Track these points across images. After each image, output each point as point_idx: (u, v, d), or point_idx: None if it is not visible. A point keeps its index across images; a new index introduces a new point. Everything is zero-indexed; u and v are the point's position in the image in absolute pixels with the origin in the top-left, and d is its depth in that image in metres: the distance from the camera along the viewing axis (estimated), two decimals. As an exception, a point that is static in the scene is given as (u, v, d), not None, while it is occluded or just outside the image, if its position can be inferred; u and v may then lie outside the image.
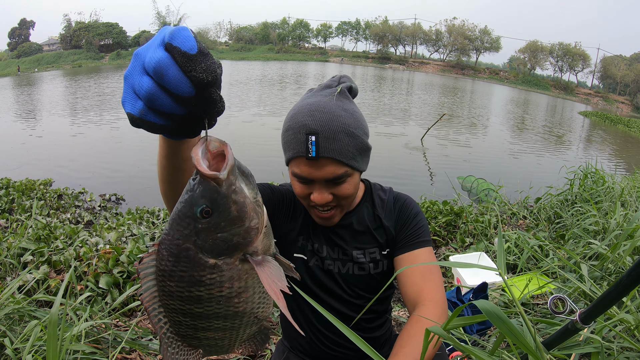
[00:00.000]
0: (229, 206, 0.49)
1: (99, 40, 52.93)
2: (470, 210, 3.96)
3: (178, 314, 0.58)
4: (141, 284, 0.56)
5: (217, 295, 0.55)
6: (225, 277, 0.54)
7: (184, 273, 0.53)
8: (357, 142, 0.94)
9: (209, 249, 0.51)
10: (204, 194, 0.48)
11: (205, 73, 0.44)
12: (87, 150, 9.00)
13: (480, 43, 62.35)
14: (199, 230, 0.50)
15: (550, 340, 0.92)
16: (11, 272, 2.34)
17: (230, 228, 0.50)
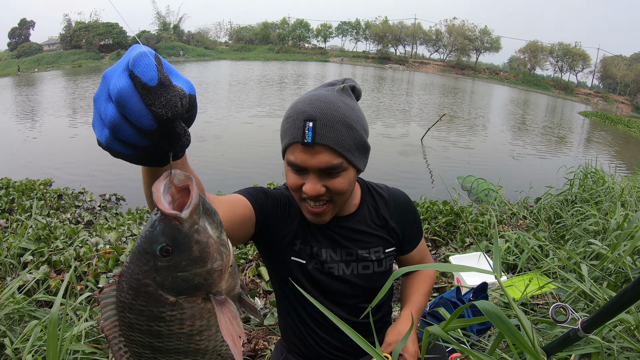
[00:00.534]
0: (191, 246, 0.47)
1: (99, 40, 52.88)
2: (470, 210, 3.96)
3: (138, 346, 0.55)
4: (101, 313, 0.54)
5: (178, 332, 0.53)
6: (187, 315, 0.52)
7: (143, 308, 0.51)
8: (355, 136, 0.94)
9: (169, 287, 0.49)
10: (165, 232, 0.46)
11: (164, 108, 0.42)
12: (87, 150, 8.99)
13: (480, 43, 62.34)
14: (158, 267, 0.48)
15: (551, 347, 0.92)
16: (11, 272, 2.34)
17: (191, 268, 0.48)
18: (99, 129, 0.46)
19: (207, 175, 7.27)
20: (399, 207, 1.15)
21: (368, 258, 1.08)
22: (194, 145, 9.55)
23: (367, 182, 1.18)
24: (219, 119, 13.13)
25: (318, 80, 30.39)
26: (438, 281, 2.73)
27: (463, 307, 0.70)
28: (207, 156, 8.50)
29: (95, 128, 0.47)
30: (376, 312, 1.18)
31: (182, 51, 53.87)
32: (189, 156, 0.70)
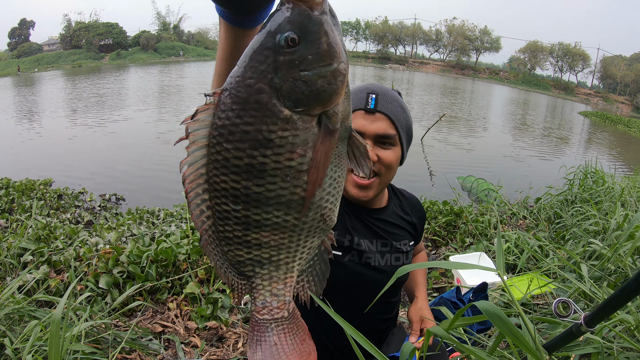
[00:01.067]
0: (320, 36, 0.41)
1: (99, 40, 52.88)
2: (470, 210, 3.96)
3: (228, 200, 0.46)
4: (187, 152, 0.45)
5: (285, 165, 0.44)
6: (299, 139, 0.43)
7: (250, 127, 0.42)
8: (407, 118, 1.08)
9: (287, 93, 0.42)
10: (292, 19, 0.40)
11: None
12: (87, 150, 9.00)
13: (480, 43, 62.34)
14: (279, 64, 0.41)
15: (554, 343, 0.92)
16: (11, 272, 2.34)
17: (316, 65, 0.41)
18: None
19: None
20: (416, 207, 1.29)
21: (400, 249, 1.17)
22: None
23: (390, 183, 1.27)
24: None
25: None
26: (438, 281, 2.72)
27: (464, 307, 0.70)
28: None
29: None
30: (392, 309, 1.26)
31: (182, 51, 53.86)
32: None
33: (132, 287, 2.07)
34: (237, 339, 2.01)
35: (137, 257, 2.34)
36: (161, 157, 8.57)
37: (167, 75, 30.36)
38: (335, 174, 0.49)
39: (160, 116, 13.53)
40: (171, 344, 1.93)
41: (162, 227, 3.73)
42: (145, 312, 2.14)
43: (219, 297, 2.18)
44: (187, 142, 0.45)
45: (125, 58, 50.01)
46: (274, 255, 0.51)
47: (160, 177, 7.31)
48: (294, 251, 0.51)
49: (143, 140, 10.02)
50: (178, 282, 2.34)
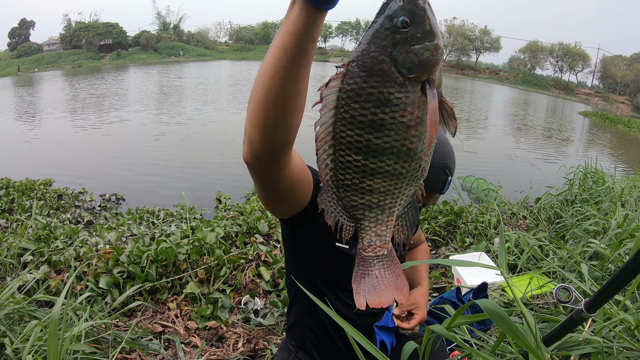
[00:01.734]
0: (425, 19, 0.53)
1: (99, 40, 52.86)
2: (470, 210, 3.96)
3: (352, 151, 0.57)
4: (321, 114, 0.56)
5: (399, 120, 0.56)
6: (410, 100, 0.55)
7: (374, 89, 0.54)
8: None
9: (402, 62, 0.54)
10: (405, 7, 0.52)
11: None
12: (87, 150, 9.00)
13: (480, 43, 62.33)
14: (396, 40, 0.53)
15: (555, 332, 0.92)
16: (11, 272, 2.34)
17: (423, 41, 0.53)
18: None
19: (205, 177, 7.26)
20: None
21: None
22: (192, 144, 9.57)
23: None
24: (218, 119, 13.14)
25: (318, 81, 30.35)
26: (438, 281, 2.72)
27: (465, 305, 0.70)
28: (207, 156, 8.50)
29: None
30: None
31: (182, 51, 53.85)
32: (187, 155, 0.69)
33: (132, 287, 2.07)
34: (237, 339, 2.01)
35: (137, 257, 2.34)
36: (161, 157, 8.57)
37: (167, 76, 30.37)
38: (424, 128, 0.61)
39: (161, 116, 13.53)
40: (171, 344, 1.93)
41: (162, 227, 3.73)
42: (145, 312, 2.14)
43: (219, 297, 2.18)
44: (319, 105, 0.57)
45: (125, 58, 50.01)
46: (381, 200, 0.62)
47: (160, 177, 7.31)
48: (397, 197, 0.63)
49: (143, 140, 10.02)
50: (178, 282, 2.34)
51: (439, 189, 1.03)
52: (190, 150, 8.87)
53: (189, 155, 8.44)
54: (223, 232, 2.77)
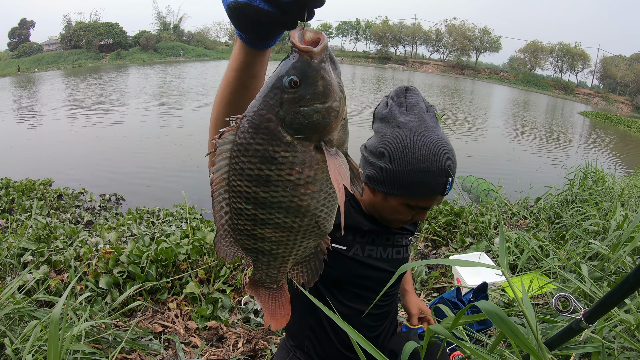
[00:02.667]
0: (316, 80, 0.51)
1: (99, 40, 52.84)
2: (470, 210, 3.96)
3: (242, 200, 0.58)
4: (215, 161, 0.57)
5: (286, 178, 0.55)
6: (298, 159, 0.54)
7: (259, 146, 0.54)
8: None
9: (289, 123, 0.52)
10: (296, 66, 0.51)
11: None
12: (87, 150, 9.00)
13: (480, 43, 62.34)
14: (283, 100, 0.52)
15: (553, 339, 0.92)
16: (11, 272, 2.34)
17: (313, 103, 0.52)
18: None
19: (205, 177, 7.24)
20: None
21: (401, 243, 1.20)
22: (192, 144, 9.57)
23: None
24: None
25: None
26: (438, 281, 2.72)
27: (466, 307, 0.70)
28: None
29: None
30: (391, 300, 1.27)
31: (182, 51, 53.85)
32: (187, 154, 0.70)
33: (132, 287, 2.07)
34: (237, 339, 2.01)
35: (137, 257, 2.34)
36: (162, 156, 8.57)
37: (167, 76, 30.36)
38: (330, 190, 0.59)
39: (161, 116, 13.54)
40: (171, 344, 1.93)
41: (162, 227, 3.73)
42: (145, 312, 2.14)
43: (219, 297, 2.18)
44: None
45: (125, 58, 50.00)
46: (273, 248, 0.63)
47: (161, 177, 7.31)
48: (290, 248, 0.63)
49: (143, 140, 10.02)
50: (178, 282, 2.34)
51: (440, 191, 1.02)
52: (190, 150, 8.87)
53: (189, 155, 8.45)
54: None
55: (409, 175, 1.00)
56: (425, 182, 1.00)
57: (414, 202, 1.04)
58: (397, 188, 1.02)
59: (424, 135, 1.01)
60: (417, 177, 1.00)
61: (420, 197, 1.03)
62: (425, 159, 0.99)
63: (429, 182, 1.00)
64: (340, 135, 0.57)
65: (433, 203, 1.05)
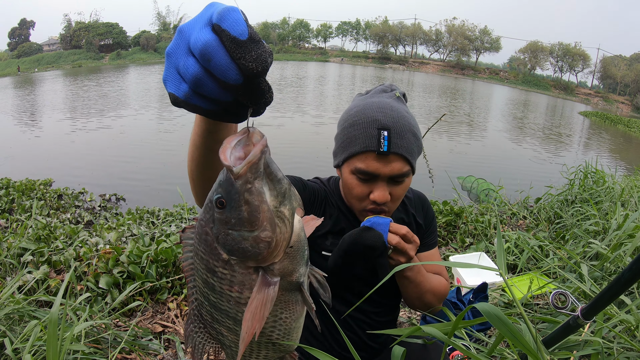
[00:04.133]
0: (240, 205, 0.45)
1: (99, 40, 52.86)
2: (470, 210, 3.96)
3: (201, 295, 0.56)
4: (182, 252, 0.55)
5: (227, 293, 0.52)
6: (237, 279, 0.50)
7: (203, 255, 0.51)
8: (418, 143, 0.99)
9: (222, 243, 0.48)
10: (222, 184, 0.46)
11: (255, 62, 0.41)
12: (87, 150, 9.00)
13: (480, 43, 62.35)
14: (215, 218, 0.48)
15: (552, 337, 0.92)
16: (11, 272, 2.34)
17: (239, 229, 0.46)
18: (175, 84, 0.46)
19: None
20: (420, 205, 1.21)
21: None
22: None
23: None
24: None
25: (319, 82, 30.36)
26: (438, 281, 2.72)
27: (464, 311, 0.70)
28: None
29: (168, 83, 0.46)
30: (389, 312, 1.22)
31: (182, 51, 53.64)
32: (187, 154, 0.70)
33: (132, 287, 2.07)
34: (237, 339, 2.01)
35: (137, 257, 2.34)
36: (161, 157, 8.57)
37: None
38: (283, 315, 0.56)
39: (161, 116, 13.54)
40: (171, 344, 1.93)
41: (162, 227, 3.73)
42: (145, 312, 2.14)
43: (219, 297, 2.18)
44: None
45: (125, 58, 49.99)
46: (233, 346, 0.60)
47: (160, 177, 7.31)
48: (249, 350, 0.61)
49: (143, 140, 10.03)
50: (178, 282, 2.34)
51: (372, 146, 0.92)
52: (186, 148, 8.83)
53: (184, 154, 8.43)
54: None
55: (343, 133, 0.98)
56: (355, 135, 0.95)
57: (354, 164, 0.96)
58: (340, 151, 0.99)
59: (366, 99, 1.00)
60: (348, 132, 0.97)
61: (356, 155, 0.95)
62: (356, 114, 0.97)
63: (359, 134, 0.94)
64: (286, 265, 0.51)
65: (372, 165, 0.94)
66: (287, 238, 0.49)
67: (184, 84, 0.45)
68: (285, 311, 0.56)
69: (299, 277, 0.53)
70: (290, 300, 0.56)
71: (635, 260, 0.72)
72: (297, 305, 0.57)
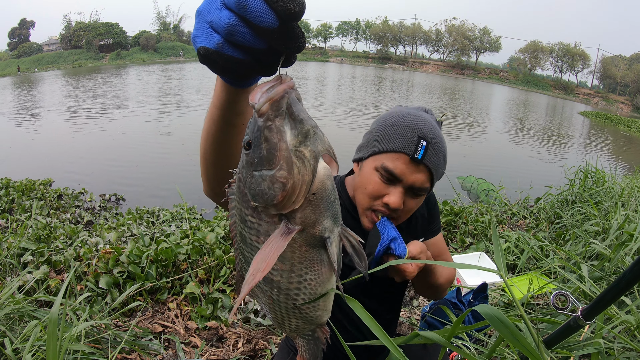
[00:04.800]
0: (260, 142, 0.45)
1: (99, 40, 52.82)
2: (470, 210, 3.96)
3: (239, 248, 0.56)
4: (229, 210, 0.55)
5: (256, 245, 0.51)
6: (263, 228, 0.49)
7: (237, 204, 0.51)
8: (444, 169, 1.01)
9: (248, 187, 0.47)
10: (249, 125, 0.46)
11: (292, 3, 0.42)
12: (87, 150, 8.99)
13: (480, 43, 62.34)
14: (244, 161, 0.48)
15: (552, 338, 0.92)
16: (11, 272, 2.34)
17: (260, 168, 0.45)
18: (206, 36, 0.46)
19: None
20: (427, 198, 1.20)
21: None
22: (192, 144, 9.56)
23: None
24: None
25: (319, 82, 30.35)
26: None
27: (464, 314, 0.70)
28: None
29: (198, 38, 0.46)
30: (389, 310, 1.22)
31: (182, 51, 53.82)
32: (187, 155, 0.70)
33: (132, 287, 2.07)
34: (237, 339, 2.01)
35: (137, 257, 2.34)
36: (161, 157, 8.57)
37: (167, 76, 30.36)
38: (308, 276, 0.54)
39: (161, 116, 13.53)
40: (171, 344, 1.93)
41: (162, 227, 3.73)
42: (145, 312, 2.14)
43: (219, 297, 2.18)
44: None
45: (125, 58, 49.98)
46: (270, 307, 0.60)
47: (160, 177, 7.31)
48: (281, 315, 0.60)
49: (143, 140, 10.02)
50: (178, 282, 2.34)
51: (408, 150, 0.93)
52: (190, 150, 8.87)
53: (189, 155, 8.45)
54: (223, 232, 2.77)
55: (381, 129, 1.00)
56: (394, 135, 0.96)
57: (382, 160, 0.96)
58: (370, 145, 1.00)
59: (409, 109, 1.03)
60: (386, 129, 0.98)
61: (389, 152, 0.95)
62: (400, 117, 0.99)
63: (398, 134, 0.95)
64: (307, 214, 0.48)
65: (400, 167, 0.94)
66: (307, 182, 0.46)
67: (216, 35, 0.46)
68: (310, 271, 0.54)
69: (323, 231, 0.50)
70: (315, 260, 0.53)
71: (636, 262, 0.72)
72: (323, 267, 0.54)
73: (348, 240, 0.55)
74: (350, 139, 9.04)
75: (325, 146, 0.47)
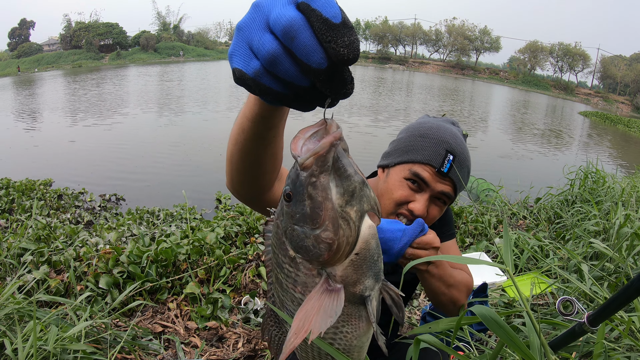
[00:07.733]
0: (304, 199, 0.42)
1: (99, 41, 52.85)
2: (470, 210, 3.96)
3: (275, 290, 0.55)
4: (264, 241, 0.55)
5: (292, 292, 0.49)
6: (300, 279, 0.47)
7: (274, 249, 0.50)
8: (465, 182, 1.05)
9: (289, 237, 0.46)
10: (291, 175, 0.44)
11: (347, 49, 0.38)
12: (87, 150, 8.99)
13: (480, 43, 62.36)
14: (283, 211, 0.45)
15: (556, 342, 0.91)
16: (11, 272, 2.34)
17: (302, 224, 0.43)
18: (244, 59, 0.42)
19: (205, 177, 7.26)
20: None
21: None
22: (192, 144, 9.57)
23: None
24: (218, 118, 13.15)
25: (318, 80, 30.18)
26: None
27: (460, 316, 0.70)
28: (207, 156, 8.50)
29: (235, 57, 0.42)
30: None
31: (182, 51, 53.85)
32: (187, 155, 0.70)
33: (132, 287, 2.06)
34: (237, 339, 2.00)
35: (137, 257, 2.34)
36: (161, 157, 8.56)
37: (167, 75, 30.36)
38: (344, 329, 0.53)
39: (161, 116, 13.54)
40: (171, 344, 1.93)
41: (162, 227, 3.73)
42: (145, 312, 2.14)
43: (219, 297, 2.18)
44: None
45: (125, 58, 49.99)
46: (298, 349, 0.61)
47: (160, 177, 7.31)
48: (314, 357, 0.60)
49: (143, 140, 10.02)
50: (178, 282, 2.34)
51: (436, 162, 0.97)
52: (190, 150, 8.87)
53: (189, 155, 8.45)
54: (223, 232, 2.77)
55: (410, 139, 1.03)
56: (423, 146, 1.00)
57: (410, 166, 1.00)
58: (398, 154, 1.04)
59: (437, 121, 1.07)
60: (415, 140, 1.02)
61: (416, 162, 1.00)
62: (430, 129, 1.03)
63: (427, 146, 1.00)
64: (349, 273, 0.46)
65: (427, 176, 0.98)
66: (351, 243, 0.44)
67: (255, 60, 0.41)
68: (347, 325, 0.53)
69: (364, 291, 0.48)
70: (353, 314, 0.52)
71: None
72: (361, 322, 0.53)
73: (388, 294, 0.54)
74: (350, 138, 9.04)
75: (371, 204, 0.44)
